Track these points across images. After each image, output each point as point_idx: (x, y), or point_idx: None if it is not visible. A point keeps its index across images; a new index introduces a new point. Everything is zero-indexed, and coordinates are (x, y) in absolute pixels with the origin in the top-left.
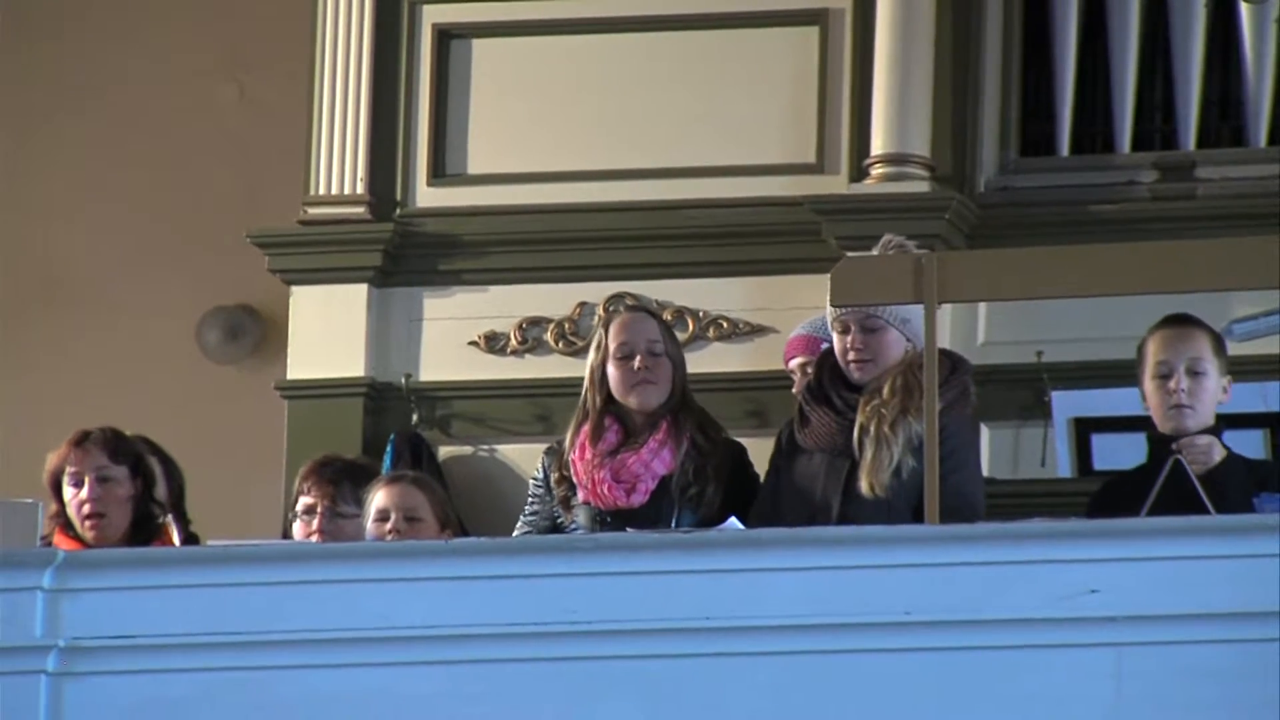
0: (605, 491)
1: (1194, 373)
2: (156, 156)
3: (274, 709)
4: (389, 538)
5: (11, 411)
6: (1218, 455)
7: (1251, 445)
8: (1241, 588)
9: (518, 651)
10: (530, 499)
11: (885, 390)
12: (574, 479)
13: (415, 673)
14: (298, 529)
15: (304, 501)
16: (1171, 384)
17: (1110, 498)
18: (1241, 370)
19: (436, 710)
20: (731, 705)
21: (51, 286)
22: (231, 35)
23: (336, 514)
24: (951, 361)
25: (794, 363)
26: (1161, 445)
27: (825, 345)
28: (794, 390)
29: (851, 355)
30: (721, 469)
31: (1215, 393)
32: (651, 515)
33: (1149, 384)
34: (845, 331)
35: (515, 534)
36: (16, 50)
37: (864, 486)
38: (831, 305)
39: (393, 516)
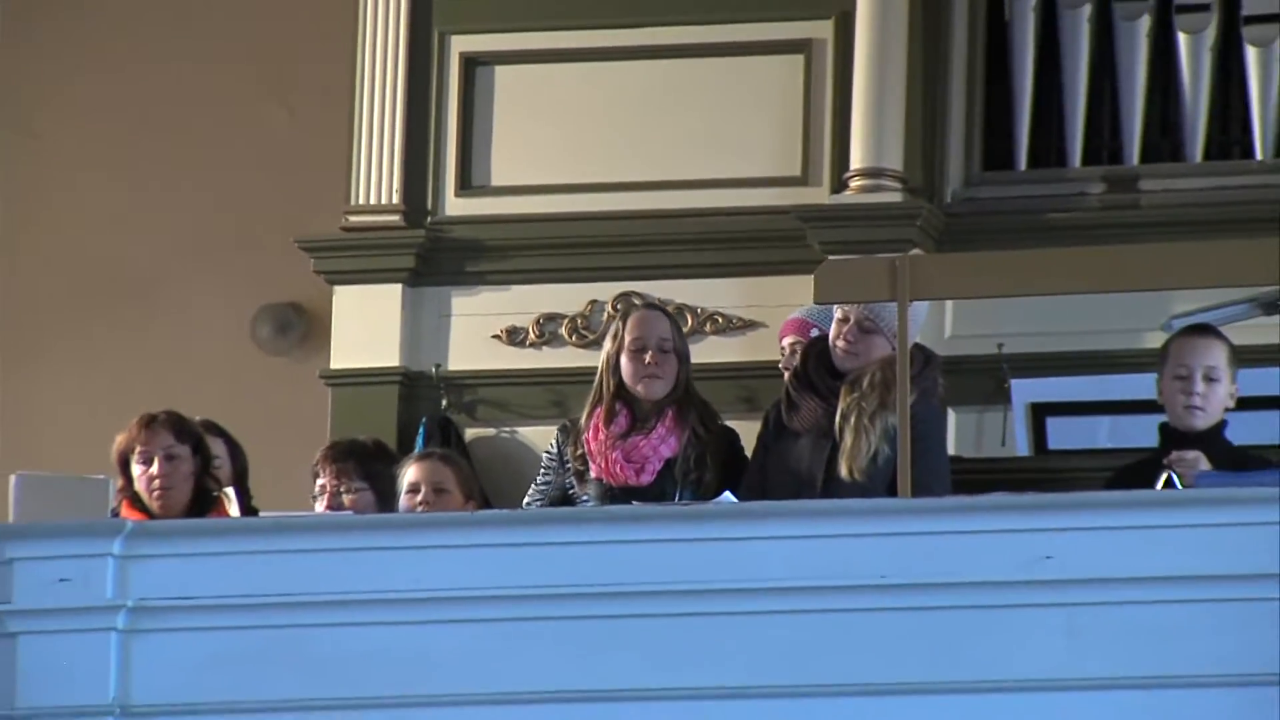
0: (618, 470)
1: (1209, 379)
2: (215, 170)
3: (318, 661)
4: (419, 509)
5: (86, 397)
6: (1203, 470)
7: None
8: (1178, 554)
9: (535, 611)
10: (543, 470)
11: (865, 383)
12: (587, 455)
13: (442, 630)
14: (318, 507)
15: (319, 483)
16: (1189, 387)
17: (1123, 484)
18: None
19: (461, 663)
20: (726, 660)
21: (123, 286)
22: (282, 63)
23: (341, 490)
24: (924, 356)
25: (785, 341)
26: (1170, 436)
27: (815, 331)
28: (781, 365)
29: (841, 344)
30: (718, 456)
31: (1225, 397)
32: (656, 493)
33: (1168, 382)
34: (844, 321)
35: (525, 500)
36: (100, 81)
37: (843, 471)
38: (815, 303)
39: (423, 489)
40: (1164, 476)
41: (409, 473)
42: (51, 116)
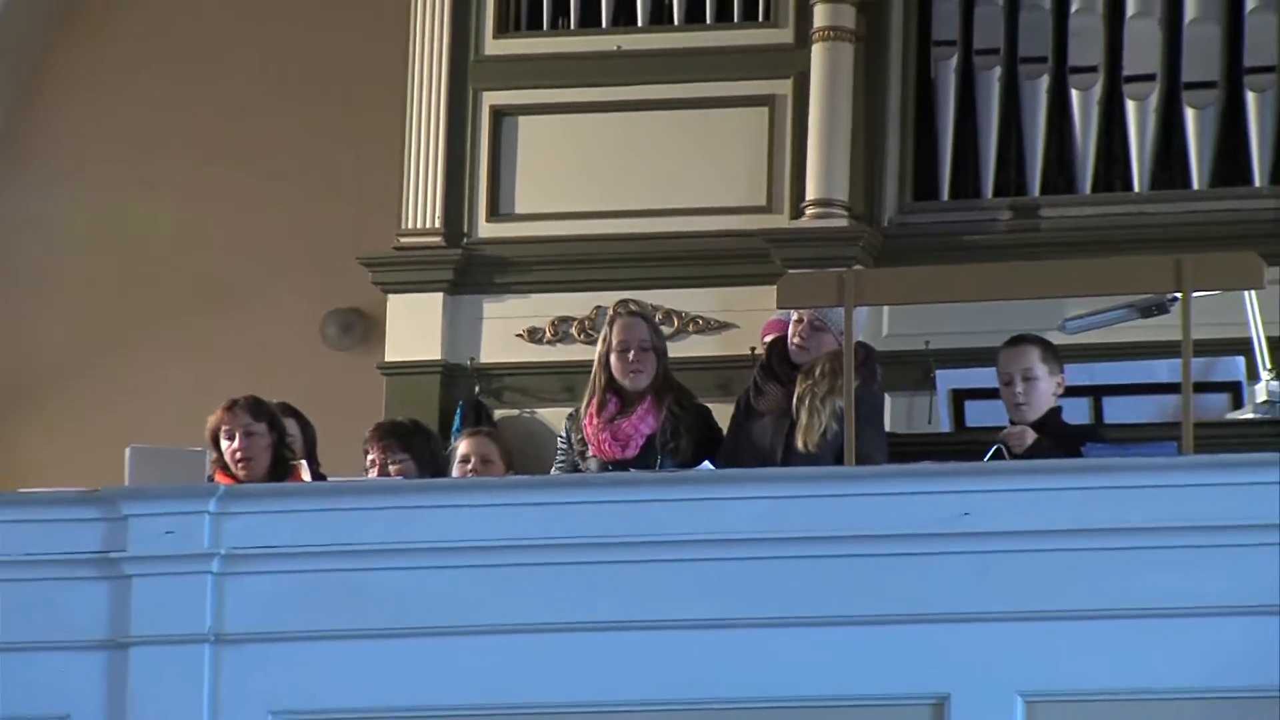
0: (607, 448)
1: (1027, 379)
2: (292, 200)
3: (375, 598)
4: (470, 476)
5: (188, 383)
6: (1029, 440)
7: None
8: (1071, 511)
9: (551, 558)
10: (559, 452)
11: (817, 372)
12: (586, 438)
13: (476, 572)
14: (370, 476)
15: (368, 459)
16: (1011, 390)
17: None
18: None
19: (491, 600)
20: (703, 597)
21: (217, 295)
22: (347, 113)
23: (388, 463)
24: (866, 351)
25: (769, 338)
26: (1015, 422)
27: None
28: (761, 354)
29: (796, 340)
30: (693, 429)
31: (1046, 392)
32: (641, 464)
33: (1001, 388)
34: (800, 322)
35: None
36: (200, 129)
37: (800, 444)
38: (777, 308)
39: (472, 460)
40: (993, 449)
41: (461, 447)
42: (160, 160)
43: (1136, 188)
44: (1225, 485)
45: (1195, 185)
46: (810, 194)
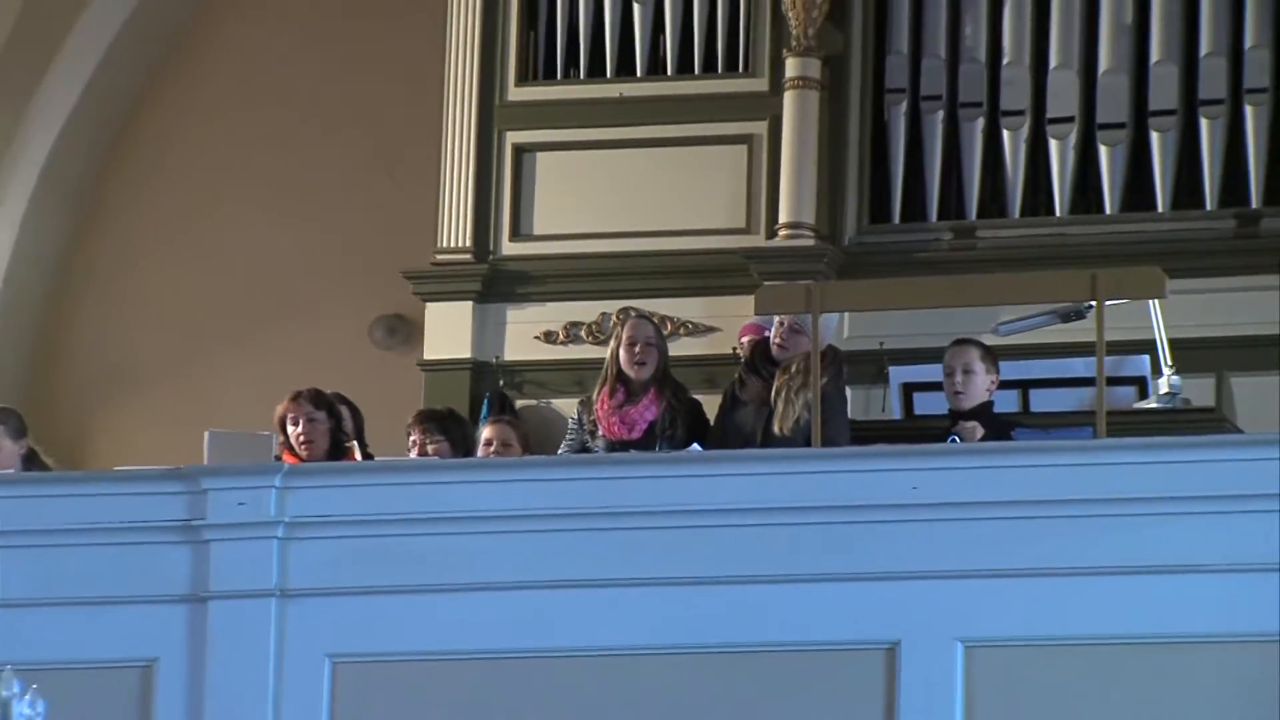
0: (615, 430)
1: (967, 372)
2: (345, 222)
3: (415, 559)
4: (492, 456)
5: (258, 377)
6: (979, 435)
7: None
8: (1002, 485)
9: (562, 525)
10: (569, 432)
11: (793, 369)
12: (596, 420)
13: (501, 537)
14: (411, 455)
15: (410, 439)
16: (952, 381)
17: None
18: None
19: (514, 558)
20: (694, 557)
21: (281, 302)
22: (390, 147)
23: (427, 443)
24: (833, 351)
25: (745, 339)
26: (953, 416)
27: (767, 332)
28: (741, 355)
29: (777, 339)
30: (687, 420)
31: (981, 386)
32: (644, 445)
33: (944, 379)
34: (780, 325)
35: (558, 453)
36: (265, 161)
37: (776, 429)
38: (755, 315)
39: (494, 443)
40: (951, 439)
41: (485, 432)
42: (235, 192)
43: (1058, 212)
44: (1130, 464)
45: (1108, 210)
46: (783, 217)
